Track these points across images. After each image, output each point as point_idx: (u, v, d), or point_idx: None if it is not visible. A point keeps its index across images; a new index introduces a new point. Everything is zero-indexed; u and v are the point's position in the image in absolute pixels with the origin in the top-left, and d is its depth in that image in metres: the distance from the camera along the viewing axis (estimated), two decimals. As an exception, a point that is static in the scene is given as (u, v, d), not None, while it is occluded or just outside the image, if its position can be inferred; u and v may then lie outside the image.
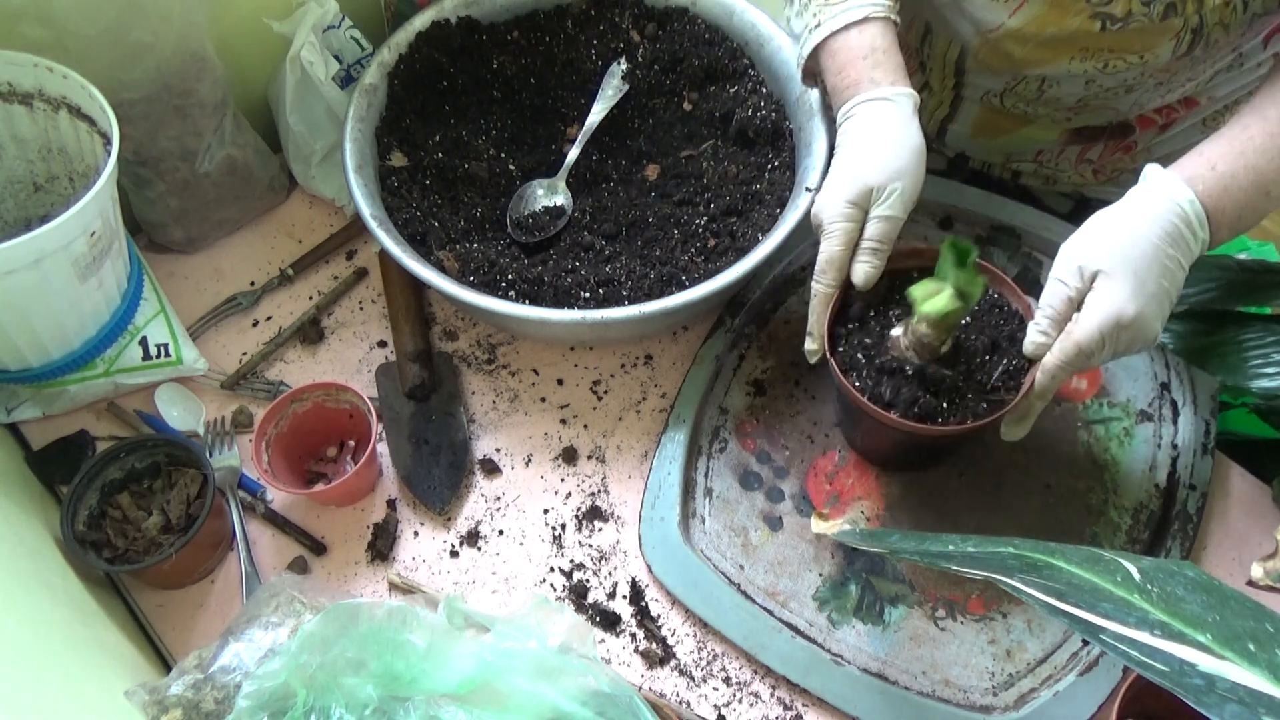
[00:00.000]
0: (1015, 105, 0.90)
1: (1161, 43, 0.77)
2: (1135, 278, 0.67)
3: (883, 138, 0.74)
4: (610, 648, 0.77)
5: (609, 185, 0.95)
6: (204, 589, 0.79)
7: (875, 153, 0.73)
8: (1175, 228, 0.68)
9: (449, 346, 0.91)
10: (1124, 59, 0.79)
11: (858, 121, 0.75)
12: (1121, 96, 0.85)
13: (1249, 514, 0.83)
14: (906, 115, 0.74)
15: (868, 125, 0.75)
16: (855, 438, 0.84)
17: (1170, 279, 0.68)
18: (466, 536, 0.82)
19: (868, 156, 0.74)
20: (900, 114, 0.74)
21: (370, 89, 0.90)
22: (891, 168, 0.73)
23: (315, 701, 0.59)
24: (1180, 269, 0.69)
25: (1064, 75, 0.83)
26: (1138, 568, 0.53)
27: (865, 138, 0.74)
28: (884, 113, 0.74)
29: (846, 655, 0.76)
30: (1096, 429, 0.86)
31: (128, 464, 0.78)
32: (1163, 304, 0.68)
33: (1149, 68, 0.80)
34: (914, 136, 0.74)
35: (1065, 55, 0.81)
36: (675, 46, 0.96)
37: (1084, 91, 0.85)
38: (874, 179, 0.73)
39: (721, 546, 0.80)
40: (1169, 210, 0.68)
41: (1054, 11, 0.77)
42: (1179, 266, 0.69)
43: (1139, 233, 0.68)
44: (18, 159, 0.83)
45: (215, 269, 0.95)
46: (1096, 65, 0.80)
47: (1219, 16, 0.74)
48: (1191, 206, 0.69)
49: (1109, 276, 0.67)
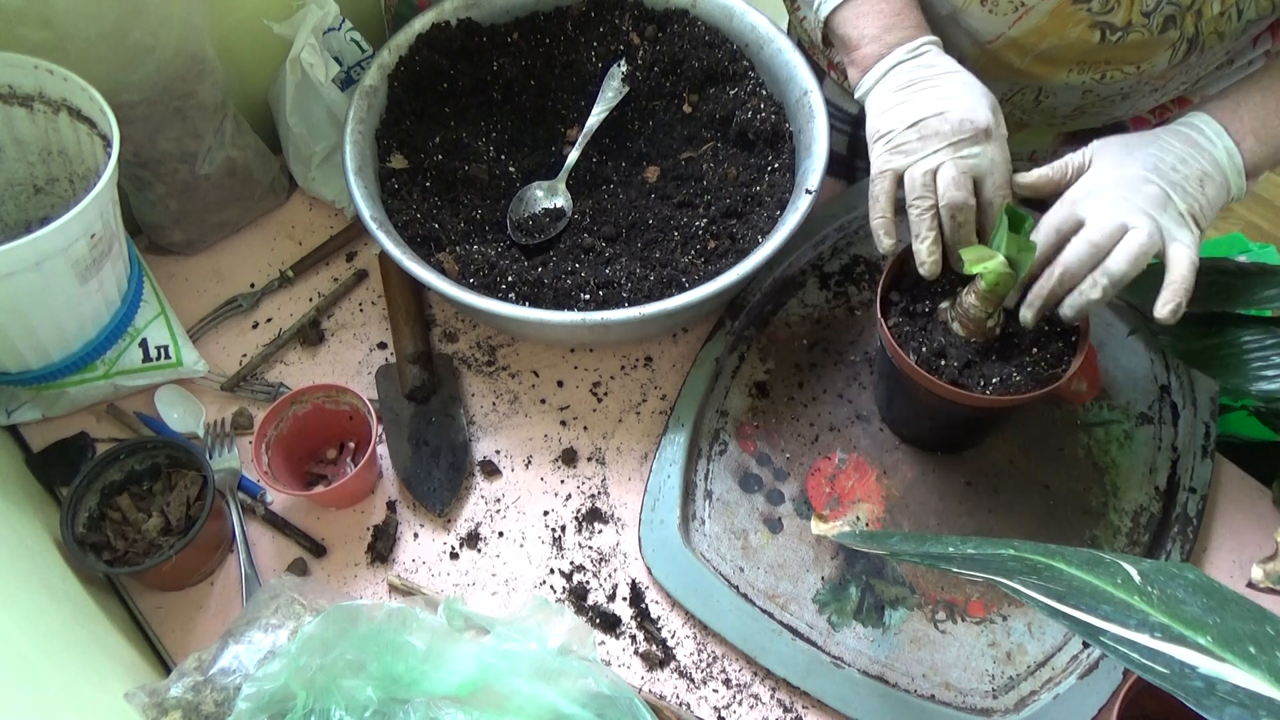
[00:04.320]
0: (1012, 113, 0.90)
1: (1158, 54, 0.77)
2: (1122, 148, 0.70)
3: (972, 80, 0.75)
4: (610, 650, 0.77)
5: (609, 187, 0.95)
6: (204, 591, 0.79)
7: (979, 89, 0.74)
8: (1178, 131, 0.71)
9: (449, 348, 0.91)
10: (1121, 70, 0.79)
11: (933, 66, 0.75)
12: (1118, 103, 0.85)
13: (1249, 516, 0.83)
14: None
15: (947, 67, 0.75)
16: (893, 412, 0.84)
17: (1170, 153, 0.70)
18: (466, 538, 0.82)
19: (985, 90, 0.74)
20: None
21: (370, 91, 0.90)
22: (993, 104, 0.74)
23: (315, 703, 0.59)
24: (1192, 157, 0.70)
25: (1061, 87, 0.83)
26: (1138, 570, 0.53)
27: (962, 77, 0.75)
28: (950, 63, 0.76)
29: (847, 658, 0.76)
30: (1096, 431, 0.86)
31: (128, 466, 0.78)
32: (1154, 171, 0.70)
33: (1145, 76, 0.80)
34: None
35: (1063, 68, 0.81)
36: (675, 48, 0.96)
37: (1080, 100, 0.85)
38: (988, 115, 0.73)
39: (721, 549, 0.80)
40: (1176, 125, 0.72)
41: (1054, 21, 0.77)
42: (1186, 152, 0.70)
43: (1136, 134, 0.72)
44: (18, 161, 0.83)
45: (215, 271, 0.95)
46: (1094, 77, 0.81)
47: (1214, 26, 0.75)
48: (1200, 118, 0.71)
49: (1096, 156, 0.71)
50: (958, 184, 0.71)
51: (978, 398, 0.71)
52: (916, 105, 0.73)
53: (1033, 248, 0.69)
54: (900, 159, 0.73)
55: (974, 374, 0.73)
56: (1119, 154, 0.72)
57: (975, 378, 0.72)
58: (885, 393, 0.85)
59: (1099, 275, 0.68)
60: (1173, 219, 0.69)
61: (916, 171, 0.72)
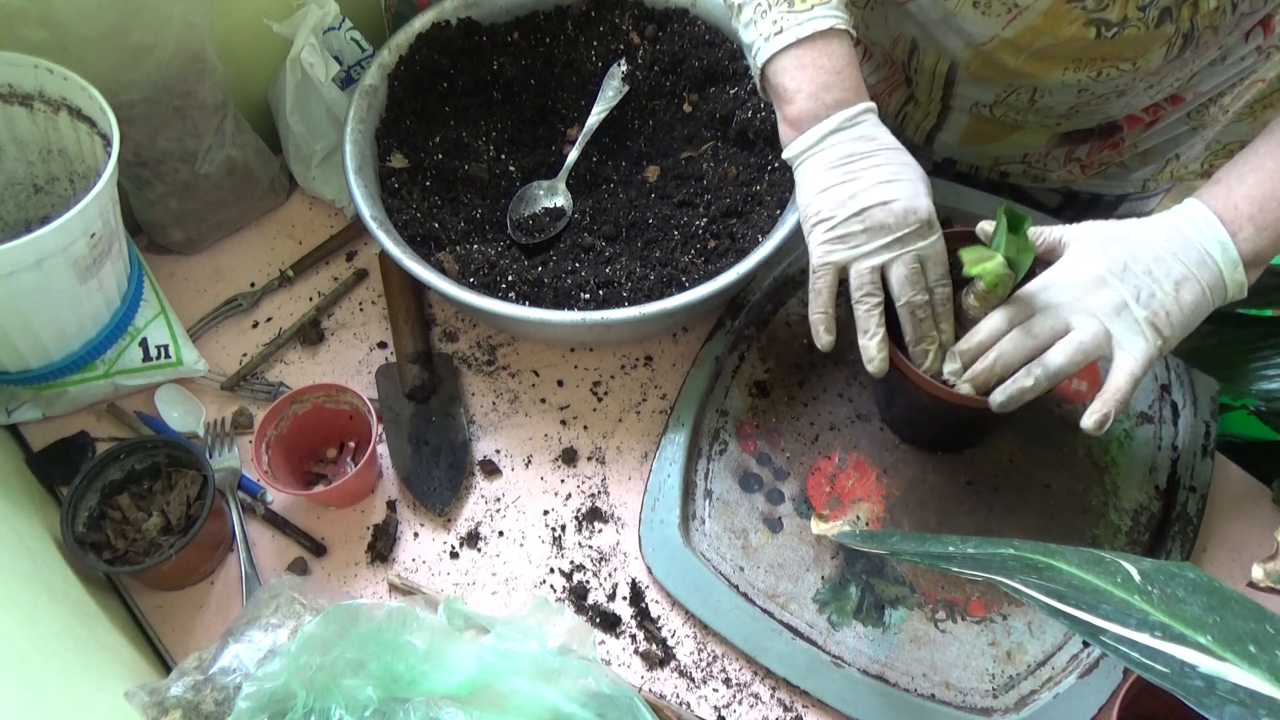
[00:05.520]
0: (1006, 115, 0.90)
1: (1153, 50, 0.76)
2: (1099, 242, 0.69)
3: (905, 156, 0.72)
4: (610, 649, 0.77)
5: (609, 186, 0.95)
6: (204, 590, 0.79)
7: (916, 169, 0.72)
8: (1166, 222, 0.68)
9: (449, 348, 0.91)
10: (1116, 67, 0.79)
11: (873, 140, 0.72)
12: (1113, 101, 0.85)
13: (1249, 516, 0.83)
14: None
15: (886, 141, 0.72)
16: (893, 411, 0.84)
17: (1147, 252, 0.68)
18: (466, 538, 0.82)
19: (916, 174, 0.72)
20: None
21: (370, 90, 0.90)
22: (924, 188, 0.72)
23: (315, 703, 0.59)
24: (1172, 257, 0.67)
25: (1056, 85, 0.83)
26: (1138, 569, 0.53)
27: (901, 155, 0.72)
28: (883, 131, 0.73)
29: (847, 657, 0.76)
30: (1097, 430, 0.86)
31: (128, 465, 0.78)
32: (1130, 273, 0.68)
33: (1140, 73, 0.79)
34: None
35: (1059, 67, 0.80)
36: (675, 48, 0.96)
37: (1076, 100, 0.84)
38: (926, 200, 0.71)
39: (721, 548, 0.80)
40: (1169, 215, 0.69)
41: (1048, 20, 0.76)
42: (1166, 251, 0.68)
43: (1125, 222, 0.70)
44: (18, 160, 0.83)
45: (215, 270, 0.95)
46: (1090, 75, 0.80)
47: (1210, 20, 0.74)
48: (1192, 206, 0.68)
49: (1073, 243, 0.70)
50: (912, 282, 0.69)
51: (977, 398, 0.71)
52: (858, 189, 0.70)
53: (1031, 247, 0.69)
54: (844, 252, 0.70)
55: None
56: (1093, 248, 0.69)
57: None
58: (885, 392, 0.85)
59: (1034, 366, 0.67)
60: (1126, 326, 0.67)
61: (863, 267, 0.70)
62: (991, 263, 0.67)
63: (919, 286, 0.70)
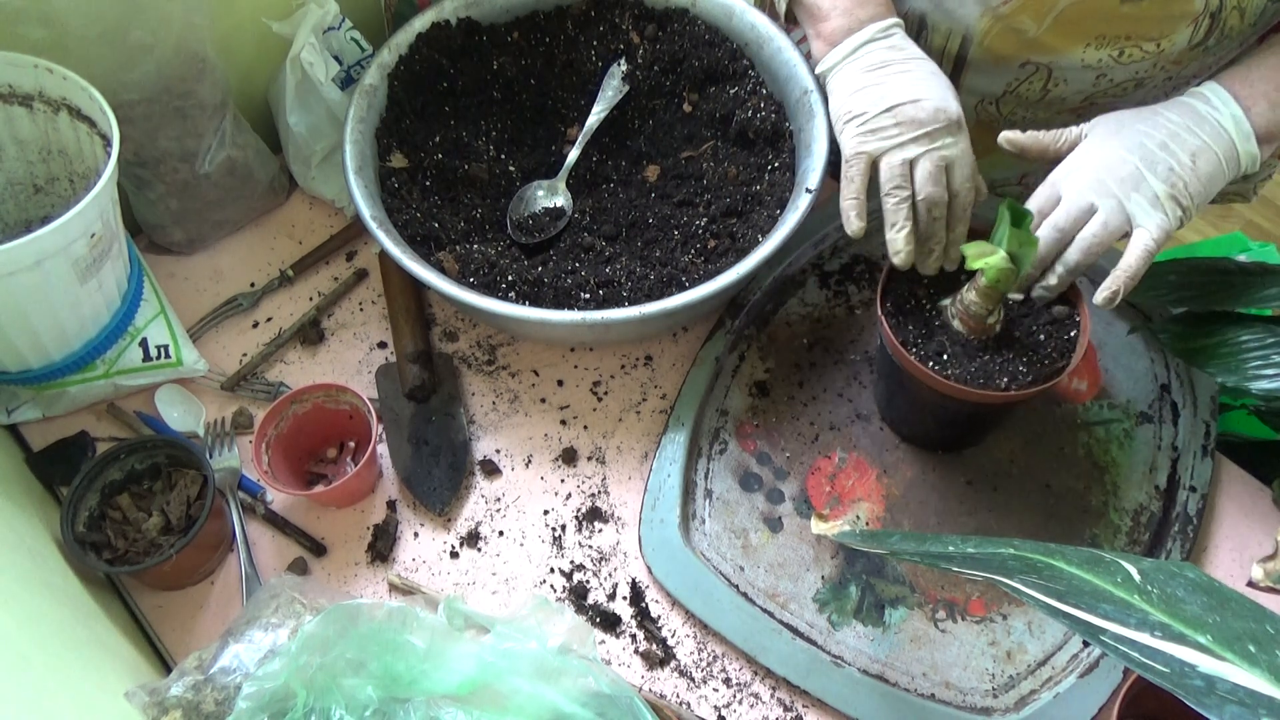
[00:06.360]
0: (1014, 111, 0.89)
1: (1179, 28, 0.75)
2: (1115, 124, 0.70)
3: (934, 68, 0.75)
4: (610, 649, 0.77)
5: (609, 186, 0.95)
6: (204, 590, 0.79)
7: (945, 79, 0.74)
8: (1180, 102, 0.70)
9: (449, 347, 0.91)
10: (1140, 46, 0.77)
11: (904, 50, 0.75)
12: (1130, 93, 0.83)
13: (1249, 515, 0.83)
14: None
15: (915, 52, 0.75)
16: (893, 410, 0.84)
17: (1161, 129, 0.69)
18: (466, 537, 0.82)
19: (944, 82, 0.74)
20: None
21: (370, 90, 0.90)
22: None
23: (315, 703, 0.59)
24: (1188, 130, 0.69)
25: (1075, 67, 0.81)
26: (1138, 569, 0.53)
27: (930, 66, 0.75)
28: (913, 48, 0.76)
29: (847, 657, 0.76)
30: (1096, 430, 0.86)
31: (128, 465, 0.78)
32: (1147, 148, 0.69)
33: (1163, 58, 0.78)
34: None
35: (1081, 41, 0.79)
36: (675, 47, 0.96)
37: (1092, 88, 0.83)
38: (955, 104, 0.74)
39: (721, 548, 0.80)
40: (1182, 97, 0.71)
41: None
42: (1181, 125, 0.69)
43: (1139, 108, 0.72)
44: (18, 160, 0.83)
45: (215, 270, 0.95)
46: (1112, 53, 0.79)
47: (1236, 1, 0.74)
48: (1208, 86, 0.70)
49: (1091, 131, 0.72)
50: (934, 179, 0.71)
51: (978, 394, 0.71)
52: (890, 89, 0.73)
53: (1034, 242, 0.69)
54: (876, 143, 0.73)
55: (974, 370, 0.73)
56: (1110, 130, 0.71)
57: (976, 374, 0.72)
58: (885, 391, 0.85)
59: (1058, 265, 0.69)
60: (1145, 200, 0.68)
61: (894, 159, 0.72)
62: (994, 257, 0.67)
63: (940, 185, 0.72)
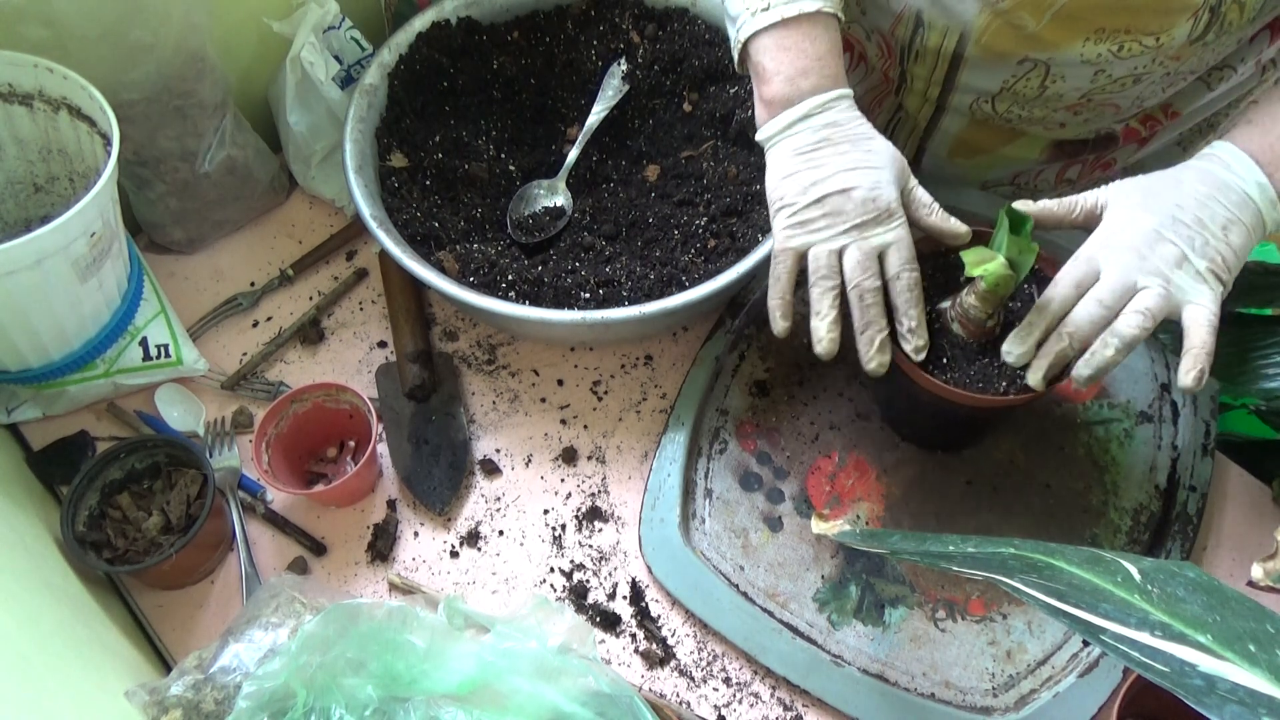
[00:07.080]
0: (1009, 110, 0.88)
1: (1179, 21, 0.74)
2: (1140, 195, 0.68)
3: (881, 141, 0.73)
4: (610, 648, 0.77)
5: (609, 186, 0.95)
6: (204, 589, 0.79)
7: (886, 155, 0.72)
8: (1199, 168, 0.68)
9: (449, 347, 0.91)
10: (1140, 40, 0.76)
11: (841, 127, 0.73)
12: (1129, 88, 0.82)
13: (1249, 515, 0.83)
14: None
15: (855, 130, 0.73)
16: (893, 411, 0.84)
17: (1191, 200, 0.67)
18: (466, 537, 0.82)
19: (892, 157, 0.73)
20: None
21: (370, 89, 0.90)
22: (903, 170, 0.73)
23: (315, 702, 0.59)
24: (1215, 201, 0.68)
25: (1073, 63, 0.80)
26: (1138, 568, 0.53)
27: (870, 144, 0.73)
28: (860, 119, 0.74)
29: (847, 656, 0.76)
30: (1097, 430, 0.86)
31: (128, 464, 0.78)
32: (1178, 224, 0.67)
33: (1162, 53, 0.77)
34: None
35: (1080, 36, 0.77)
36: (675, 47, 0.96)
37: (1090, 85, 0.82)
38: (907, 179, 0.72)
39: (721, 547, 0.80)
40: (1197, 161, 0.69)
41: None
42: (1208, 195, 0.68)
43: (1157, 174, 0.70)
44: (18, 159, 0.83)
45: (215, 269, 0.95)
46: (1111, 48, 0.77)
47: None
48: (1224, 149, 0.68)
49: (1112, 202, 0.69)
50: (864, 267, 0.69)
51: (978, 397, 0.71)
52: (820, 176, 0.70)
53: (1034, 249, 0.69)
54: (803, 237, 0.71)
55: (973, 374, 0.73)
56: (1136, 203, 0.69)
57: (975, 378, 0.72)
58: (885, 392, 0.85)
59: (1109, 336, 0.67)
60: (1190, 278, 0.67)
61: (820, 251, 0.70)
62: (993, 263, 0.67)
63: (870, 272, 0.69)
